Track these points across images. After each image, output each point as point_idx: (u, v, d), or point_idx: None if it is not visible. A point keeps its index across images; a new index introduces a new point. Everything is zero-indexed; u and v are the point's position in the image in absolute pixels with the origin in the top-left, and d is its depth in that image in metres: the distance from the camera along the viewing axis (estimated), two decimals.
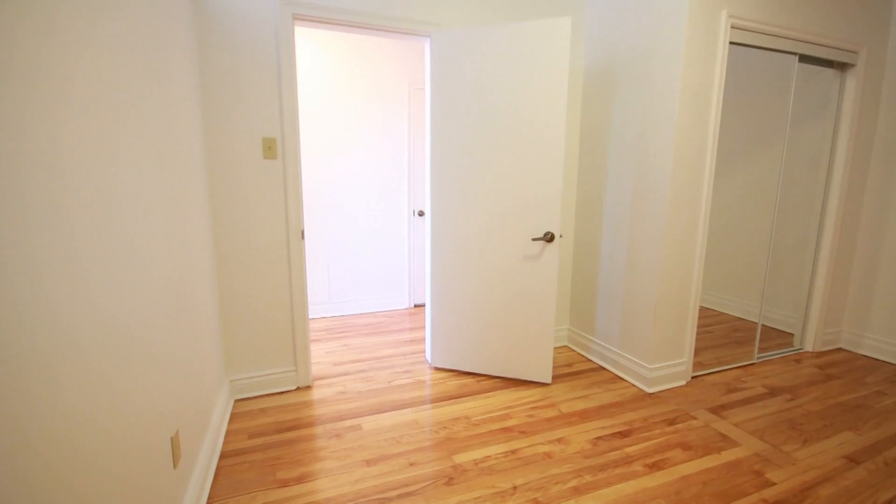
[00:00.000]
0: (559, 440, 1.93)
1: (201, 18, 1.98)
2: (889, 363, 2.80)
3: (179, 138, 1.55)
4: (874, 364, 2.79)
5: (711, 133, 2.28)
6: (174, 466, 1.28)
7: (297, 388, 2.38)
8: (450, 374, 2.58)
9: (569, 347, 3.03)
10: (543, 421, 2.09)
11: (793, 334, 3.02)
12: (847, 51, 2.59)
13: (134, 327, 1.06)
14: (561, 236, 2.56)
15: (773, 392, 2.40)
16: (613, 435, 1.97)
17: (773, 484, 1.66)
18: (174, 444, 1.29)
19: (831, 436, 1.98)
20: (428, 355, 2.72)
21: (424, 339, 3.15)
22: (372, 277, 3.79)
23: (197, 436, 1.56)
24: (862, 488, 1.64)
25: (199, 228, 1.80)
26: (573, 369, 2.67)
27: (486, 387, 2.42)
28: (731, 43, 2.28)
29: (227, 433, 1.96)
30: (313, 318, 3.61)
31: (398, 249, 3.84)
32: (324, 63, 3.36)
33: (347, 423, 2.05)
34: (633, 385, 2.46)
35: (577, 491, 1.61)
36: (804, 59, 2.55)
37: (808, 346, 2.99)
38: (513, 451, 1.84)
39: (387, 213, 3.75)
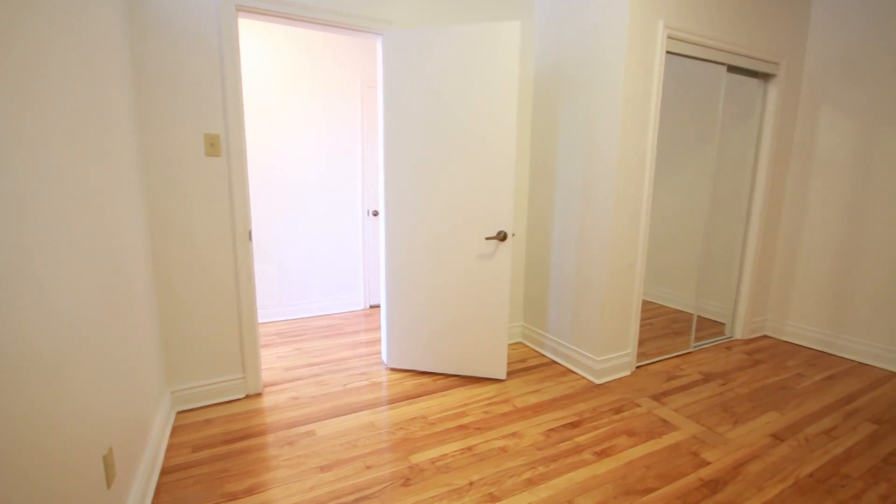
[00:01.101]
0: (514, 434, 1.98)
1: (136, 8, 1.85)
2: (808, 348, 3.09)
3: (107, 133, 1.44)
4: (795, 349, 3.07)
5: (651, 137, 2.42)
6: (108, 487, 1.19)
7: (247, 396, 2.29)
8: (406, 374, 2.57)
9: (523, 343, 3.11)
10: (499, 416, 2.13)
11: (724, 324, 3.26)
12: (769, 62, 2.83)
13: (55, 339, 0.97)
14: (513, 235, 2.62)
15: (707, 378, 2.58)
16: (565, 426, 2.05)
17: (709, 463, 1.78)
18: (107, 462, 1.20)
19: (758, 416, 2.16)
20: (384, 356, 2.70)
21: (380, 340, 3.12)
22: (326, 279, 3.70)
23: (134, 452, 1.46)
24: (786, 463, 1.80)
25: (133, 230, 1.69)
26: (527, 364, 2.75)
27: (442, 385, 2.44)
28: (667, 52, 2.43)
29: (169, 447, 1.85)
30: (264, 323, 3.47)
31: (352, 250, 3.78)
32: (273, 58, 3.24)
33: (301, 429, 1.99)
34: (583, 377, 2.56)
35: (531, 482, 1.65)
36: (732, 69, 2.76)
37: (738, 335, 3.24)
38: (469, 448, 1.87)
39: (340, 213, 3.68)
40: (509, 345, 3.08)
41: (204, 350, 2.18)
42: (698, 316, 3.06)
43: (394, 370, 2.62)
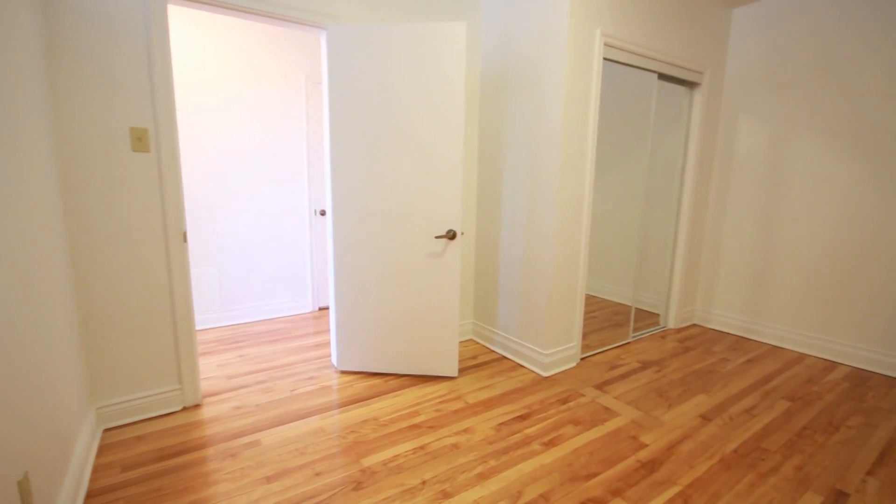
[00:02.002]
0: (466, 430, 2.00)
1: None
2: (731, 334, 3.38)
3: (8, 126, 1.30)
4: (720, 335, 3.34)
5: (591, 139, 2.53)
6: None
7: (184, 409, 2.15)
8: (357, 376, 2.53)
9: (474, 340, 3.15)
10: (451, 414, 2.14)
11: (659, 314, 3.49)
12: (695, 71, 3.06)
13: None
14: (462, 234, 2.65)
15: (644, 366, 2.74)
16: (515, 419, 2.10)
17: (646, 445, 1.90)
18: (23, 488, 1.08)
19: (689, 399, 2.33)
20: (334, 359, 2.64)
21: (330, 342, 3.04)
22: (271, 281, 3.55)
23: (55, 475, 1.33)
24: (713, 441, 1.95)
25: (46, 231, 1.53)
26: (478, 361, 2.79)
27: (394, 386, 2.42)
28: (604, 59, 2.55)
29: (96, 468, 1.70)
30: (203, 329, 3.28)
31: (299, 250, 3.65)
32: (210, 49, 3.06)
33: (244, 439, 1.90)
34: (532, 371, 2.64)
35: (483, 477, 1.68)
36: (663, 77, 2.95)
37: (671, 324, 3.47)
38: (421, 447, 1.87)
39: (286, 213, 3.54)
40: (460, 342, 3.11)
41: (134, 361, 2.02)
42: (636, 308, 3.25)
43: (344, 373, 2.56)
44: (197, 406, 2.17)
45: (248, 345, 2.98)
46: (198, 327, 3.29)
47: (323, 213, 3.70)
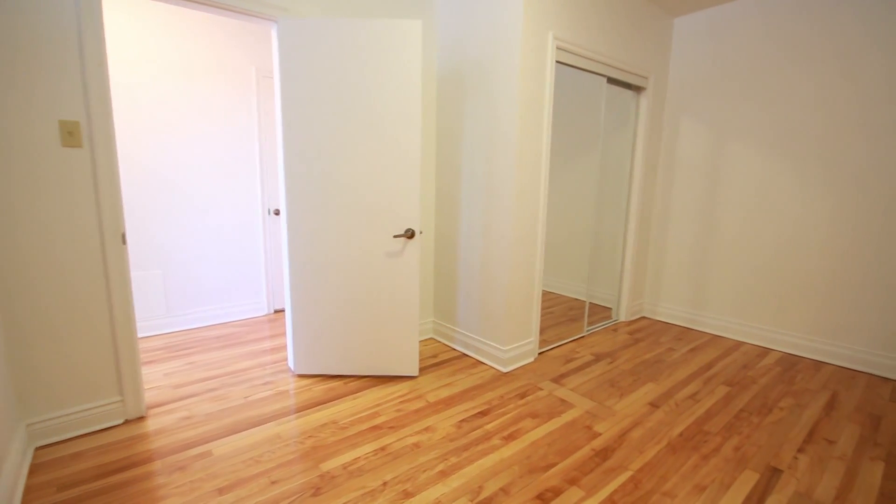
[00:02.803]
0: (427, 429, 2.00)
1: None
2: (676, 325, 3.58)
3: None
4: (667, 327, 3.53)
5: (545, 139, 2.60)
6: None
7: (126, 422, 2.02)
8: (315, 379, 2.47)
9: (434, 339, 3.16)
10: (412, 413, 2.14)
11: (611, 308, 3.64)
12: (640, 76, 3.21)
13: None
14: (421, 233, 2.64)
15: (598, 358, 2.86)
16: (475, 415, 2.13)
17: (600, 434, 1.98)
18: None
19: (639, 388, 2.45)
20: (291, 363, 2.56)
21: (286, 346, 2.95)
22: (222, 284, 3.40)
23: None
24: (661, 426, 2.06)
25: None
26: (439, 359, 2.80)
27: (354, 388, 2.38)
28: (557, 62, 2.63)
29: (28, 489, 1.56)
30: (146, 337, 3.09)
31: (253, 251, 3.52)
32: (151, 40, 2.88)
33: (194, 451, 1.81)
34: (492, 367, 2.68)
35: (444, 474, 1.69)
36: (611, 81, 3.08)
37: (623, 317, 3.64)
38: (382, 448, 1.85)
39: (237, 212, 3.40)
40: (421, 341, 3.11)
41: (69, 373, 1.87)
42: (590, 303, 3.37)
43: (302, 376, 2.49)
44: (141, 418, 2.05)
45: (197, 351, 2.84)
46: (142, 334, 3.09)
47: (277, 212, 3.59)
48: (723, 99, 3.18)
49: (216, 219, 3.31)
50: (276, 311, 3.70)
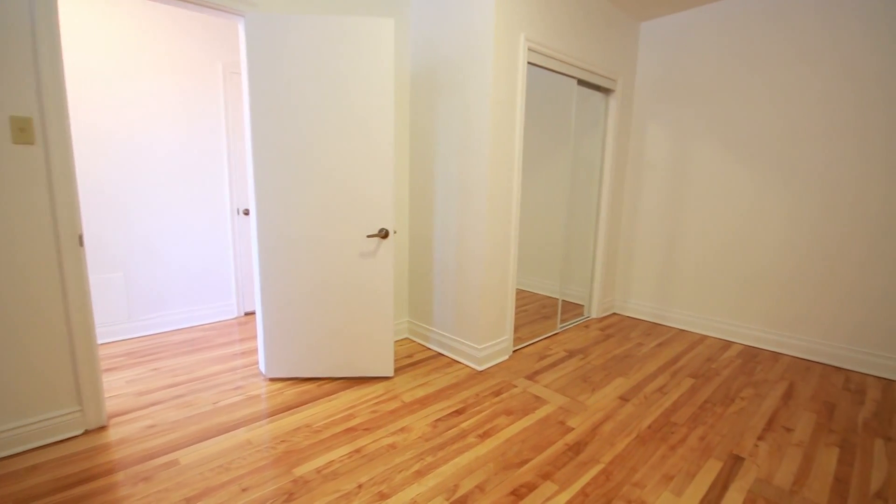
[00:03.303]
0: (402, 429, 2.00)
1: None
2: (645, 320, 3.69)
3: None
4: (636, 322, 3.63)
5: (518, 139, 2.63)
6: None
7: (86, 432, 1.92)
8: (288, 382, 2.42)
9: (410, 339, 3.15)
10: (387, 414, 2.13)
11: (583, 305, 3.72)
12: (609, 78, 3.29)
13: None
14: (395, 232, 2.63)
15: (571, 354, 2.91)
16: (450, 414, 2.13)
17: (573, 429, 2.02)
18: None
19: (610, 382, 2.51)
20: (262, 366, 2.50)
21: (257, 349, 2.88)
22: (189, 286, 3.28)
23: None
24: (631, 419, 2.12)
25: None
26: (414, 359, 2.79)
27: (328, 390, 2.35)
28: (529, 63, 2.66)
29: None
30: (107, 343, 2.95)
31: (221, 252, 3.41)
32: (112, 31, 2.75)
33: (160, 460, 1.74)
34: (467, 366, 2.69)
35: (420, 474, 1.69)
36: (582, 82, 3.14)
37: (594, 314, 3.72)
38: (357, 451, 1.83)
39: (205, 212, 3.29)
40: (396, 341, 3.09)
41: (23, 382, 1.77)
42: (563, 300, 3.44)
43: (274, 380, 2.44)
44: (102, 428, 1.96)
45: (163, 357, 2.74)
46: (102, 340, 2.96)
47: (247, 212, 3.50)
48: (686, 101, 3.30)
49: (182, 219, 3.20)
50: (247, 314, 3.60)
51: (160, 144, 3.04)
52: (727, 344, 3.18)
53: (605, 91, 3.39)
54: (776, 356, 2.96)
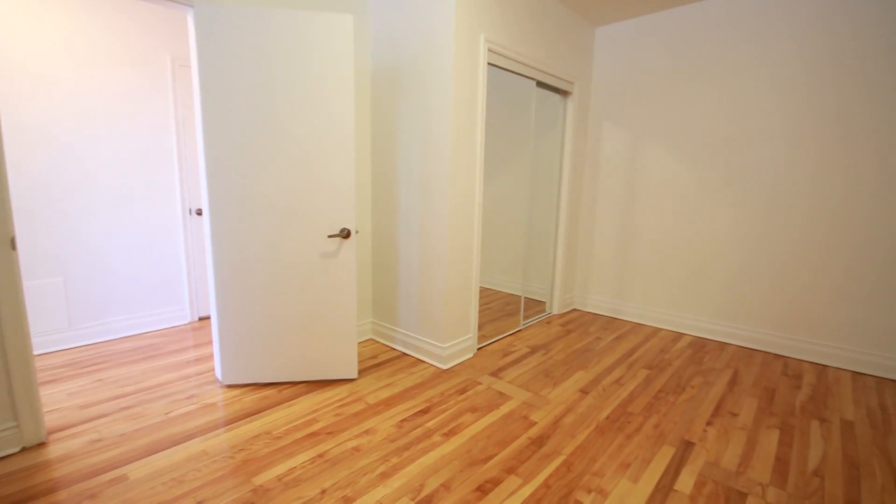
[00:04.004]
0: (367, 431, 1.97)
1: None
2: (604, 315, 3.82)
3: None
4: (595, 317, 3.76)
5: (479, 138, 2.66)
6: None
7: (24, 450, 1.78)
8: (246, 389, 2.34)
9: (374, 340, 3.12)
10: (351, 416, 2.10)
11: (545, 302, 3.81)
12: (567, 81, 3.38)
13: None
14: (357, 232, 2.60)
15: (533, 350, 2.98)
16: (416, 414, 2.13)
17: (535, 423, 2.07)
18: None
19: (571, 376, 2.58)
20: (218, 373, 2.40)
21: (213, 355, 2.76)
22: (137, 291, 3.10)
23: None
24: (591, 411, 2.19)
25: None
26: (378, 360, 2.76)
27: (289, 395, 2.29)
28: (489, 64, 2.69)
29: None
30: (46, 353, 2.74)
31: (172, 255, 3.25)
32: (48, 19, 2.55)
33: (106, 476, 1.64)
34: (432, 365, 2.70)
35: (385, 476, 1.68)
36: (541, 84, 3.21)
37: (556, 310, 3.82)
38: (320, 455, 1.79)
39: (153, 212, 3.12)
40: (360, 342, 3.05)
41: None
42: (525, 297, 3.50)
43: (231, 387, 2.35)
44: (41, 445, 1.82)
45: (108, 366, 2.58)
46: (39, 351, 2.74)
47: (199, 212, 3.34)
48: (638, 104, 3.44)
49: (128, 220, 3.02)
50: (201, 319, 3.45)
51: (102, 142, 2.85)
52: (678, 335, 3.35)
53: (563, 93, 3.49)
54: (722, 346, 3.15)
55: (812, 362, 2.87)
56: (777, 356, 2.97)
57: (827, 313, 2.81)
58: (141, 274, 3.11)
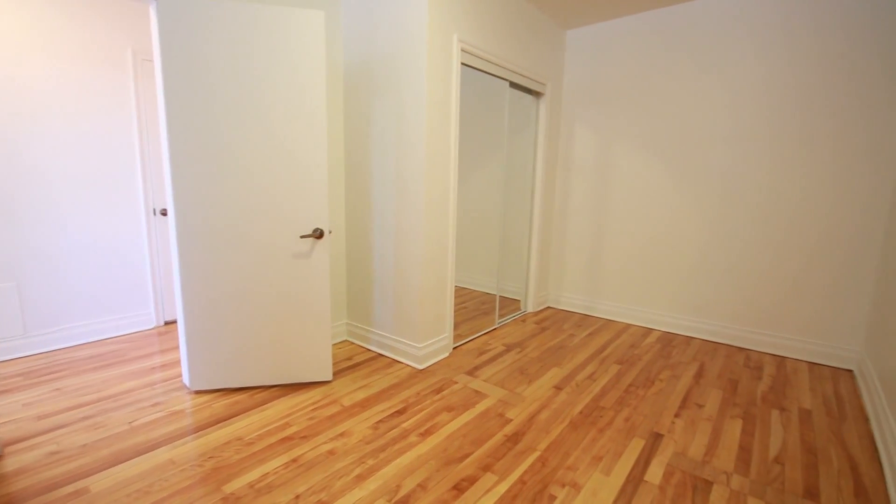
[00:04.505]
0: (342, 434, 1.95)
1: None
2: (577, 313, 3.89)
3: None
4: (568, 315, 3.83)
5: (453, 138, 2.67)
6: None
7: None
8: (216, 394, 2.27)
9: (349, 341, 3.08)
10: (325, 420, 2.07)
11: (520, 300, 3.85)
12: (539, 82, 3.42)
13: None
14: (331, 232, 2.56)
15: (509, 348, 3.01)
16: (392, 415, 2.12)
17: (511, 420, 2.09)
18: None
19: (546, 373, 2.62)
20: (186, 379, 2.32)
21: (180, 360, 2.67)
22: (98, 295, 2.97)
23: None
24: (564, 406, 2.23)
25: None
26: (353, 361, 2.73)
27: (261, 399, 2.23)
28: (462, 64, 2.70)
29: None
30: (0, 362, 2.60)
31: (136, 257, 3.12)
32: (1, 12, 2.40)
33: (66, 489, 1.56)
34: (408, 365, 2.69)
35: (361, 478, 1.66)
36: (514, 85, 3.25)
37: (530, 308, 3.87)
38: (294, 460, 1.76)
39: (116, 213, 2.99)
40: (335, 344, 3.01)
41: None
42: (500, 296, 3.54)
43: (200, 393, 2.28)
44: None
45: (67, 375, 2.46)
46: None
47: (164, 212, 3.22)
48: (608, 106, 3.53)
49: (87, 221, 2.88)
50: (167, 323, 3.33)
51: (58, 140, 2.71)
52: (648, 331, 3.45)
53: (536, 94, 3.53)
54: (689, 340, 3.26)
55: (772, 354, 3.01)
56: (740, 349, 3.10)
57: (784, 307, 2.95)
58: (102, 277, 2.98)
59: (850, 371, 2.75)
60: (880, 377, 2.20)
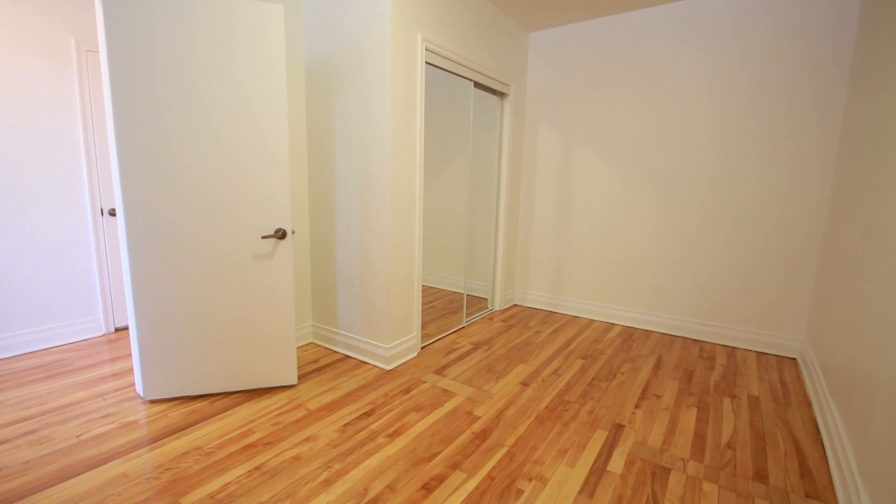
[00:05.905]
0: (308, 439, 1.91)
1: None
2: (542, 310, 3.97)
3: None
4: (534, 312, 3.90)
5: (419, 138, 2.66)
6: None
7: None
8: (173, 403, 2.17)
9: (315, 343, 3.02)
10: (290, 425, 2.02)
11: (487, 299, 3.89)
12: (503, 83, 3.47)
13: None
14: (293, 232, 2.50)
15: (476, 346, 3.03)
16: (359, 417, 2.09)
17: (479, 418, 2.11)
18: None
19: (512, 370, 2.66)
20: (139, 388, 2.21)
21: (133, 369, 2.53)
22: (40, 302, 2.77)
23: None
24: (531, 402, 2.27)
25: None
26: (319, 364, 2.68)
27: (222, 406, 2.15)
28: (427, 63, 2.70)
29: None
30: None
31: (82, 260, 2.93)
32: None
33: None
34: (376, 366, 2.66)
35: (328, 483, 1.63)
36: (478, 85, 3.27)
37: (497, 307, 3.91)
38: (257, 468, 1.71)
39: (57, 214, 2.80)
40: (299, 347, 2.95)
41: None
42: (468, 295, 3.56)
43: (155, 402, 2.17)
44: None
45: (8, 387, 2.28)
46: None
47: (113, 212, 3.05)
48: (570, 107, 3.61)
49: (26, 223, 2.68)
50: (118, 330, 3.16)
51: None
52: (610, 326, 3.56)
53: (500, 95, 3.57)
54: (648, 334, 3.39)
55: (723, 345, 3.17)
56: (694, 341, 3.25)
57: (735, 300, 3.12)
58: (45, 282, 2.78)
59: (793, 359, 2.94)
60: (821, 365, 2.36)
